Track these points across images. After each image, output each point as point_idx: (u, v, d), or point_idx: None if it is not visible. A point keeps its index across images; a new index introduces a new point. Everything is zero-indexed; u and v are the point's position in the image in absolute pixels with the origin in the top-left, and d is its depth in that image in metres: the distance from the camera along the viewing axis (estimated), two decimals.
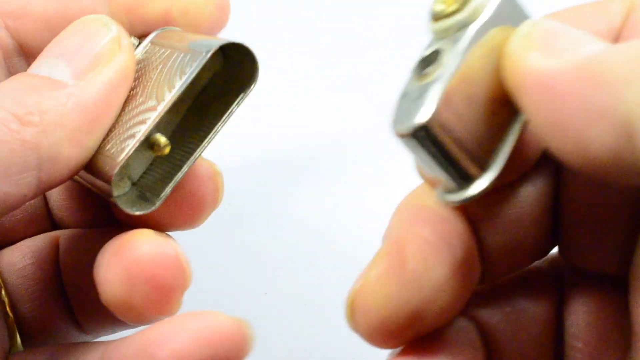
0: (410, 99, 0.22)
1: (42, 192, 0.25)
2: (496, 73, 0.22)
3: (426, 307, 0.22)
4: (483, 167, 0.23)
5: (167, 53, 0.28)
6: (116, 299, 0.26)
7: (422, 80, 0.22)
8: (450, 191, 0.23)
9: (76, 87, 0.25)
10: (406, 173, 0.26)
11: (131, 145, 0.26)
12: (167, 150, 0.27)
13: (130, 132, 0.26)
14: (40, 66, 0.26)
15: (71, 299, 0.30)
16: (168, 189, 0.28)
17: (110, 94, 0.26)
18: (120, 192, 0.28)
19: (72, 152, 0.25)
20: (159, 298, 0.25)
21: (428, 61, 0.23)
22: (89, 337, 0.31)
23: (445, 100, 0.21)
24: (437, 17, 0.23)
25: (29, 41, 0.29)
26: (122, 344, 0.25)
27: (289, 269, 0.41)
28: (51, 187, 0.25)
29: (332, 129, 0.45)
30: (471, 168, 0.22)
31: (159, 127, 0.27)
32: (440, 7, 0.23)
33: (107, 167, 0.26)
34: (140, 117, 0.26)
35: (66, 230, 0.31)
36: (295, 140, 0.45)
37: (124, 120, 0.27)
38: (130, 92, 0.27)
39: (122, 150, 0.26)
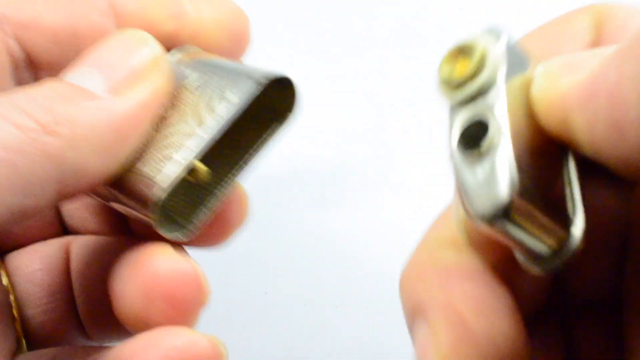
0: (476, 181, 0.20)
1: (58, 203, 0.25)
2: (529, 122, 0.21)
3: None
4: (563, 220, 0.21)
5: (201, 75, 0.27)
6: (132, 314, 0.25)
7: (477, 157, 0.20)
8: (539, 257, 0.21)
9: (109, 100, 0.25)
10: (404, 174, 0.26)
11: (177, 172, 0.25)
12: (206, 176, 0.27)
13: (172, 155, 0.26)
14: (75, 74, 0.26)
15: (79, 306, 0.30)
16: (204, 217, 0.27)
17: (142, 113, 0.25)
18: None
19: (95, 167, 0.24)
20: (176, 315, 0.25)
21: (472, 135, 0.21)
22: (94, 343, 0.31)
23: (517, 168, 0.20)
24: (455, 84, 0.21)
25: (36, 53, 0.28)
26: (107, 354, 0.26)
27: (288, 269, 0.41)
28: (68, 200, 0.25)
29: (332, 129, 0.45)
30: (556, 226, 0.21)
31: None
32: (450, 73, 0.21)
33: (147, 190, 0.25)
34: (182, 142, 0.26)
35: (78, 237, 0.31)
36: (294, 143, 0.45)
37: (159, 141, 0.26)
38: (161, 111, 0.27)
39: (166, 175, 0.25)
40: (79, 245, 0.30)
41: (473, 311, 0.22)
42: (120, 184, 0.26)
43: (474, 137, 0.21)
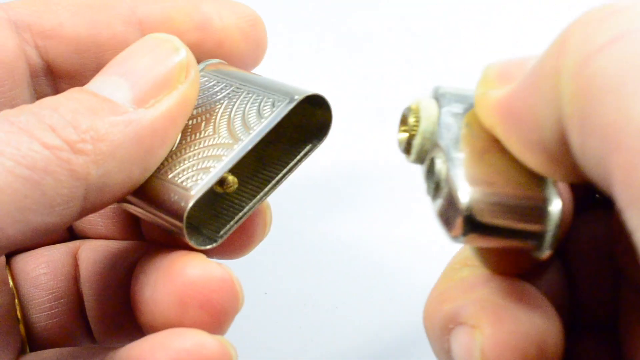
0: (443, 209, 0.23)
1: (81, 218, 0.25)
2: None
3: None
4: (542, 206, 0.22)
5: (230, 88, 0.27)
6: (163, 321, 0.25)
7: (439, 189, 0.23)
8: (538, 244, 0.23)
9: (135, 114, 0.24)
10: (410, 181, 0.26)
11: (207, 180, 0.25)
12: (235, 188, 0.27)
13: (203, 165, 0.26)
14: (103, 84, 0.25)
15: (89, 310, 0.30)
16: (230, 229, 0.27)
17: (168, 124, 0.25)
18: None
19: (120, 181, 0.24)
20: (211, 322, 0.25)
21: (432, 175, 0.23)
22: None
23: (470, 179, 0.22)
24: (406, 147, 0.24)
25: (57, 62, 0.28)
26: (115, 355, 0.25)
27: (288, 269, 0.41)
28: (92, 213, 0.25)
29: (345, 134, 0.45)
30: (534, 211, 0.22)
31: None
32: (402, 141, 0.24)
33: (177, 199, 0.25)
34: (213, 152, 0.26)
35: (87, 241, 0.31)
36: None
37: (190, 151, 0.26)
38: (190, 120, 0.27)
39: (199, 185, 0.25)
40: (89, 250, 0.30)
41: (507, 298, 0.23)
42: (148, 193, 0.26)
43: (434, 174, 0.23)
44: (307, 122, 0.28)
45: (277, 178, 0.28)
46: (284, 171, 0.28)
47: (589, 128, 0.18)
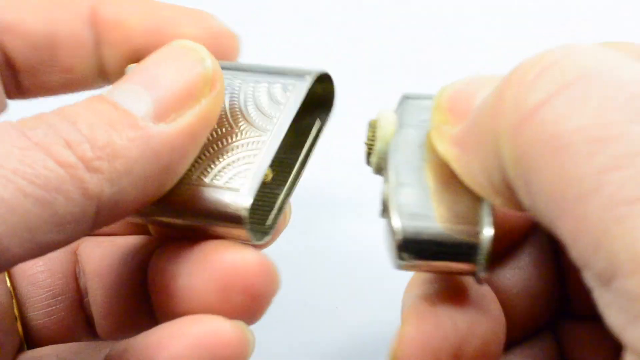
0: (387, 234, 0.24)
1: (91, 233, 0.24)
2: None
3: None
4: (475, 234, 0.23)
5: (234, 81, 0.27)
6: (203, 309, 0.25)
7: (386, 214, 0.24)
8: (474, 269, 0.23)
9: (155, 129, 0.24)
10: None
11: (257, 178, 0.25)
12: (270, 178, 0.27)
13: (243, 162, 0.25)
14: (124, 93, 0.24)
15: (94, 306, 0.30)
16: (276, 219, 0.27)
17: (188, 142, 0.25)
18: None
19: (133, 198, 0.24)
20: (253, 306, 0.25)
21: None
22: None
23: (407, 211, 0.23)
24: (368, 159, 0.25)
25: (15, 57, 0.28)
26: (125, 346, 0.25)
27: (289, 269, 0.41)
28: (102, 227, 0.24)
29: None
30: (467, 239, 0.23)
31: None
32: (365, 151, 0.25)
33: (229, 201, 0.25)
34: (246, 147, 0.26)
35: (86, 238, 0.31)
36: None
37: (214, 151, 0.26)
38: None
39: (249, 183, 0.25)
40: (93, 246, 0.30)
41: (440, 298, 0.23)
42: (183, 202, 0.26)
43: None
44: (308, 100, 0.28)
45: (300, 159, 0.28)
46: (305, 151, 0.28)
47: (533, 194, 0.19)
